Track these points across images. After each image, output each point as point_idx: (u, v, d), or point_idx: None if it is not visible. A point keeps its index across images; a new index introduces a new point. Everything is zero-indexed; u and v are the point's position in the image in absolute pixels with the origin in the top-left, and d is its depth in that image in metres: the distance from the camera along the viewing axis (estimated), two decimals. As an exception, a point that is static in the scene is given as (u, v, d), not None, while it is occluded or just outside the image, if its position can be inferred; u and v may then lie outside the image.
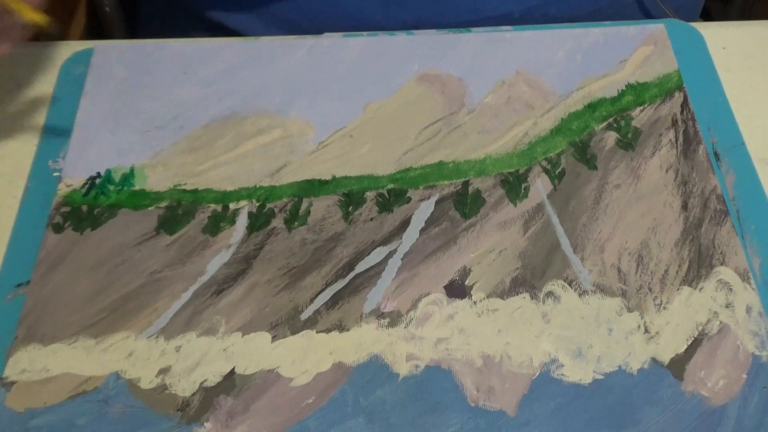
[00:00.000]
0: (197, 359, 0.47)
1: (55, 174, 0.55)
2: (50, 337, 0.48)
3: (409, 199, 0.54)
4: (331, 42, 0.63)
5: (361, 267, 0.51)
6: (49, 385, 0.46)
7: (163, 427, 0.45)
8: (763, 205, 0.54)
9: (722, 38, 0.64)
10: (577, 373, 0.47)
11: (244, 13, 0.68)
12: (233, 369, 0.47)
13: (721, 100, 0.60)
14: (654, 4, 0.68)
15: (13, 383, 0.46)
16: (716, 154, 0.56)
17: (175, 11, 0.70)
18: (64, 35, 0.49)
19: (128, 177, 0.55)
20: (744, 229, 0.53)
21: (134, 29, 0.76)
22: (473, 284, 0.50)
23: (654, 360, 0.48)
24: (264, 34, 0.65)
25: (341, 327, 0.49)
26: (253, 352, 0.48)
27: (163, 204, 0.54)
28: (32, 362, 0.47)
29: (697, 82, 0.60)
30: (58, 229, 0.52)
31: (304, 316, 0.49)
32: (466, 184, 0.55)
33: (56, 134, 0.57)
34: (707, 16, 0.80)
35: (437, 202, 0.54)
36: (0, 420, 0.45)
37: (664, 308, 0.50)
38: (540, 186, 0.55)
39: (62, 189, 0.54)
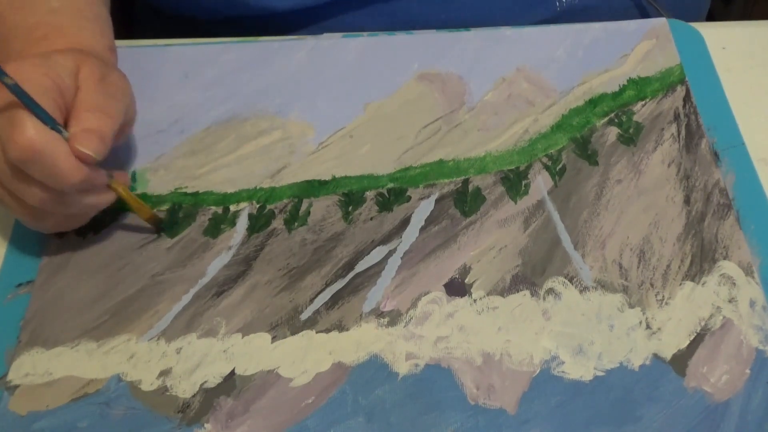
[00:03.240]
0: (197, 361, 0.47)
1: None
2: (53, 341, 0.48)
3: (409, 198, 0.54)
4: (331, 42, 0.63)
5: (360, 266, 0.51)
6: (51, 388, 0.46)
7: (164, 429, 0.45)
8: (763, 205, 0.53)
9: (722, 38, 0.63)
10: (578, 370, 0.47)
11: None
12: (233, 370, 0.47)
13: (721, 100, 0.59)
14: (650, 6, 0.68)
15: (16, 387, 0.47)
16: (716, 154, 0.56)
17: (169, 13, 0.70)
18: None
19: (131, 181, 0.55)
20: (744, 230, 0.52)
21: (131, 28, 0.77)
22: (473, 282, 0.50)
23: (656, 356, 0.47)
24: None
25: (341, 327, 0.49)
26: (253, 352, 0.48)
27: (165, 207, 0.54)
28: (35, 366, 0.47)
29: (697, 82, 0.60)
30: (60, 233, 0.53)
31: (303, 316, 0.49)
32: (466, 182, 0.55)
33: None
34: (709, 16, 0.79)
35: (437, 201, 0.54)
36: (3, 423, 0.45)
37: (666, 304, 0.49)
38: (541, 182, 0.55)
39: (65, 194, 0.55)
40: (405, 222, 0.53)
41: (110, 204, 0.51)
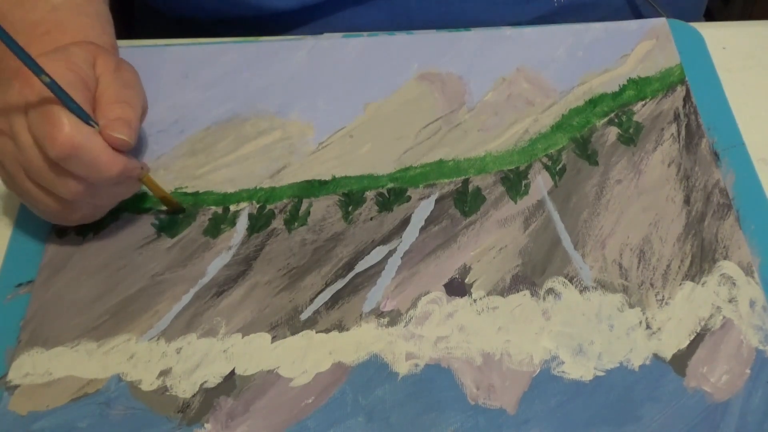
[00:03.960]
0: (198, 361, 0.47)
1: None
2: (53, 341, 0.48)
3: (409, 198, 0.54)
4: (331, 42, 0.63)
5: (360, 266, 0.51)
6: (51, 388, 0.46)
7: (164, 429, 0.45)
8: (763, 205, 0.53)
9: (722, 38, 0.63)
10: (578, 370, 0.47)
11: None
12: (233, 370, 0.47)
13: (721, 100, 0.59)
14: (649, 6, 0.68)
15: (16, 387, 0.47)
16: (716, 154, 0.56)
17: (169, 15, 0.70)
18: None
19: (130, 181, 0.55)
20: (744, 230, 0.52)
21: (131, 28, 0.77)
22: (473, 282, 0.50)
23: (656, 356, 0.47)
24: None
25: (341, 327, 0.49)
26: (253, 352, 0.48)
27: (165, 207, 0.54)
28: (35, 366, 0.47)
29: (697, 82, 0.60)
30: (61, 233, 0.53)
31: (303, 316, 0.49)
32: (466, 182, 0.55)
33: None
34: (709, 16, 0.79)
35: (437, 201, 0.54)
36: (3, 423, 0.45)
37: (666, 304, 0.49)
38: (541, 182, 0.55)
39: (65, 194, 0.55)
40: (405, 222, 0.53)
41: (133, 193, 0.52)
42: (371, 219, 0.53)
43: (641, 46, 0.62)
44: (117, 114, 0.47)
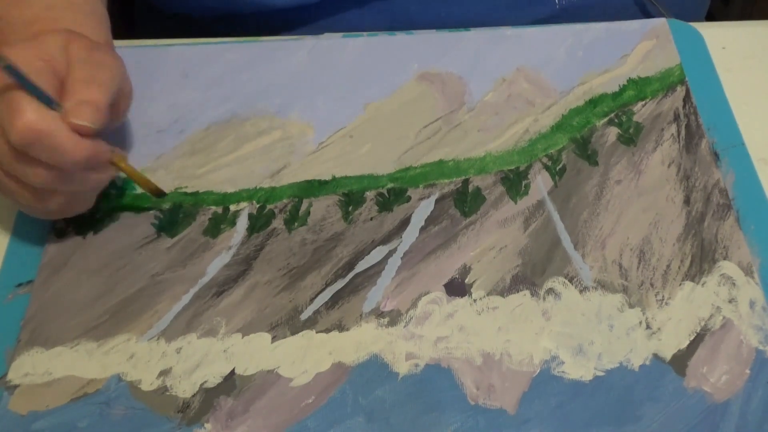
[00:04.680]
0: (198, 360, 0.47)
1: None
2: (53, 341, 0.48)
3: (409, 198, 0.54)
4: (331, 42, 0.63)
5: (361, 266, 0.51)
6: (51, 388, 0.46)
7: (164, 429, 0.45)
8: (763, 205, 0.53)
9: (722, 38, 0.63)
10: (578, 370, 0.47)
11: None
12: (233, 370, 0.47)
13: (721, 100, 0.59)
14: (651, 6, 0.68)
15: (16, 386, 0.46)
16: (716, 154, 0.56)
17: (169, 12, 0.70)
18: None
19: (130, 181, 0.55)
20: (744, 230, 0.52)
21: (131, 28, 0.77)
22: (473, 282, 0.50)
23: (656, 356, 0.47)
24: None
25: (341, 327, 0.49)
26: (253, 352, 0.48)
27: (165, 207, 0.54)
28: (35, 366, 0.47)
29: (697, 82, 0.60)
30: (60, 233, 0.53)
31: (303, 316, 0.49)
32: (466, 182, 0.55)
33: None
34: (709, 16, 0.79)
35: (437, 201, 0.54)
36: (3, 422, 0.45)
37: (666, 304, 0.49)
38: (540, 183, 0.55)
39: (65, 193, 0.55)
40: (405, 222, 0.53)
41: (110, 179, 0.51)
42: (371, 219, 0.53)
43: (641, 46, 0.62)
44: (83, 96, 0.46)
